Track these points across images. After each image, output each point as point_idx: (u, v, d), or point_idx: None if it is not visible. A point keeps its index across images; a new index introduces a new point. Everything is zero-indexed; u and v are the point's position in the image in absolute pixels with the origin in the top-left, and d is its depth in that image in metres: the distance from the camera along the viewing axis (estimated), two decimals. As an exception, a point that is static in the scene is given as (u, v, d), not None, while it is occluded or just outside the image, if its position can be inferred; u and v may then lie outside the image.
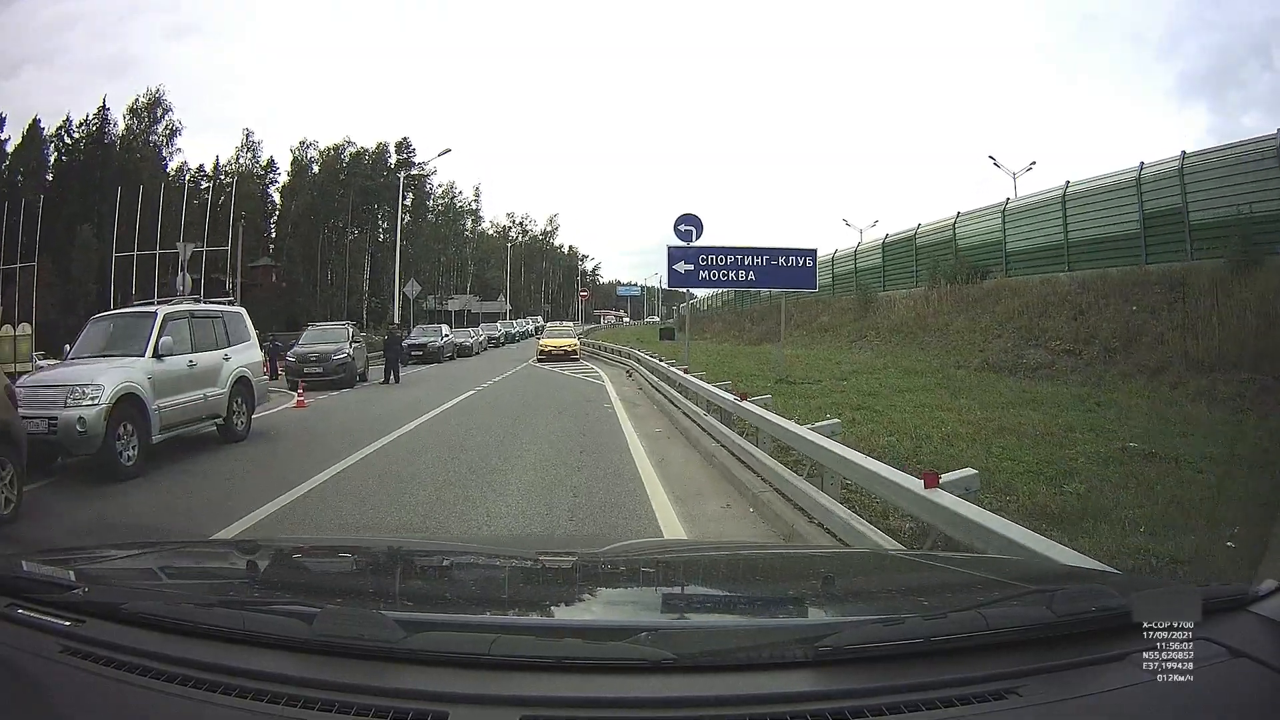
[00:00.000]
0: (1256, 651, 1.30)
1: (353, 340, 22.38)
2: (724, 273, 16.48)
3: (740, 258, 16.43)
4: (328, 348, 21.31)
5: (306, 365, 20.57)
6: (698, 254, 16.45)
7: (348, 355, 21.21)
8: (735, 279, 16.77)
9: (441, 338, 34.47)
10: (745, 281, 17.01)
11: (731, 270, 16.43)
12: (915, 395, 12.12)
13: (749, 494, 6.93)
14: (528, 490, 7.48)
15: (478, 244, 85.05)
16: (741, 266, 16.43)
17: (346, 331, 22.89)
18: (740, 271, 16.46)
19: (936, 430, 8.70)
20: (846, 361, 19.02)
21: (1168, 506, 5.31)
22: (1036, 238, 20.37)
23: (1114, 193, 17.49)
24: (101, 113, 57.95)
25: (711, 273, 16.50)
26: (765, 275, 16.78)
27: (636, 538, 5.46)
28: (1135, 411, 9.96)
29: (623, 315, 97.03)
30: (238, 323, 11.99)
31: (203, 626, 1.44)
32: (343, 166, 68.71)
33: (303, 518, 6.64)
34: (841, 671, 1.29)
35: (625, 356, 26.20)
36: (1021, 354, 15.38)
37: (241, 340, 11.79)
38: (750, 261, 16.43)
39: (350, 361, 21.17)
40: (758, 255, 16.47)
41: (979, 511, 3.46)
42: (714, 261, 16.39)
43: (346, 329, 23.27)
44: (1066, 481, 6.15)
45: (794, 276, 16.98)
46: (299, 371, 20.33)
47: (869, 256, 31.35)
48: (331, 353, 21.09)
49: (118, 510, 7.29)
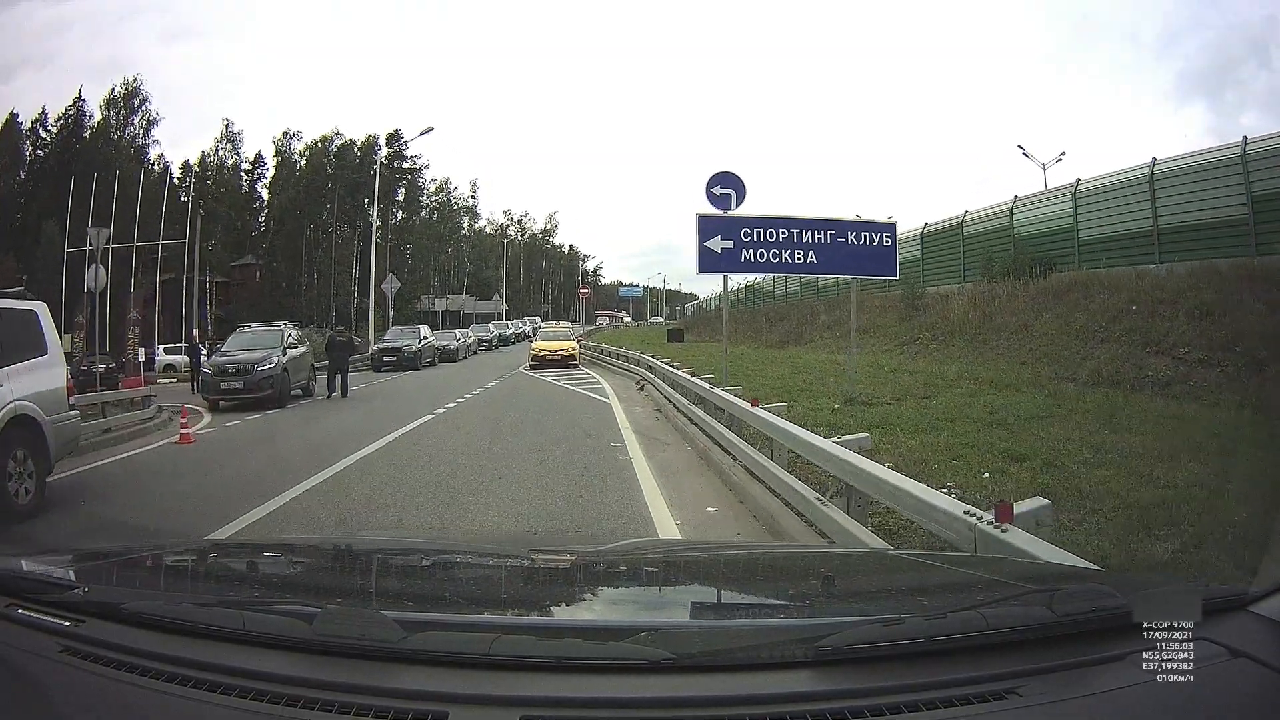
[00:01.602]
0: (1256, 651, 1.30)
1: (289, 346, 17.95)
2: (774, 252, 12.17)
3: (798, 233, 12.21)
4: (252, 356, 16.97)
5: (224, 379, 16.50)
6: (739, 226, 12.18)
7: (276, 366, 16.80)
8: (790, 261, 12.34)
9: (419, 341, 30.47)
10: (803, 265, 12.51)
11: (785, 249, 12.18)
12: (1056, 427, 8.68)
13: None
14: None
15: (475, 242, 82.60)
16: (798, 244, 12.22)
17: (281, 334, 18.36)
18: (796, 251, 12.21)
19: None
20: (906, 370, 16.00)
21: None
22: (1115, 224, 17.64)
23: (1211, 172, 15.12)
24: (77, 104, 54.90)
25: (757, 252, 12.11)
26: (830, 256, 12.40)
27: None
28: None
29: (622, 316, 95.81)
30: (22, 328, 7.74)
31: (203, 626, 1.44)
32: (330, 159, 65.24)
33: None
34: (841, 671, 1.29)
35: (633, 363, 22.17)
36: (1142, 364, 12.49)
37: (26, 355, 7.62)
38: (811, 238, 12.24)
39: (279, 374, 16.81)
40: (821, 230, 12.30)
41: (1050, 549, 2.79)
42: (761, 237, 12.13)
43: (282, 331, 18.67)
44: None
45: (867, 259, 12.59)
46: (214, 387, 16.55)
47: (905, 248, 27.58)
48: (255, 363, 16.67)
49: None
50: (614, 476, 8.23)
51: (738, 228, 12.22)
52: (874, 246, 12.52)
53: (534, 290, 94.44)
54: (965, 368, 15.38)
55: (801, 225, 12.32)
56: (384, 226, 66.91)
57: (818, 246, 12.31)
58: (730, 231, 12.16)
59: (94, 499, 8.10)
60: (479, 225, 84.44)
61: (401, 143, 66.76)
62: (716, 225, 12.25)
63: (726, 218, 12.32)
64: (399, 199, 70.17)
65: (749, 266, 12.61)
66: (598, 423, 12.92)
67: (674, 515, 6.53)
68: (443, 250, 75.41)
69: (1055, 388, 12.25)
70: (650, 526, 6.23)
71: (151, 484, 8.99)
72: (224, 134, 64.47)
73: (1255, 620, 1.39)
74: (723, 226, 12.22)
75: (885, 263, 12.93)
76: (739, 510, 6.70)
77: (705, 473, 8.45)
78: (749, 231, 12.19)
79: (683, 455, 9.71)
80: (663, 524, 6.30)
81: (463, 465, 9.04)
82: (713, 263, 12.34)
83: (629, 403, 15.93)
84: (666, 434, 11.51)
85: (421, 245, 71.85)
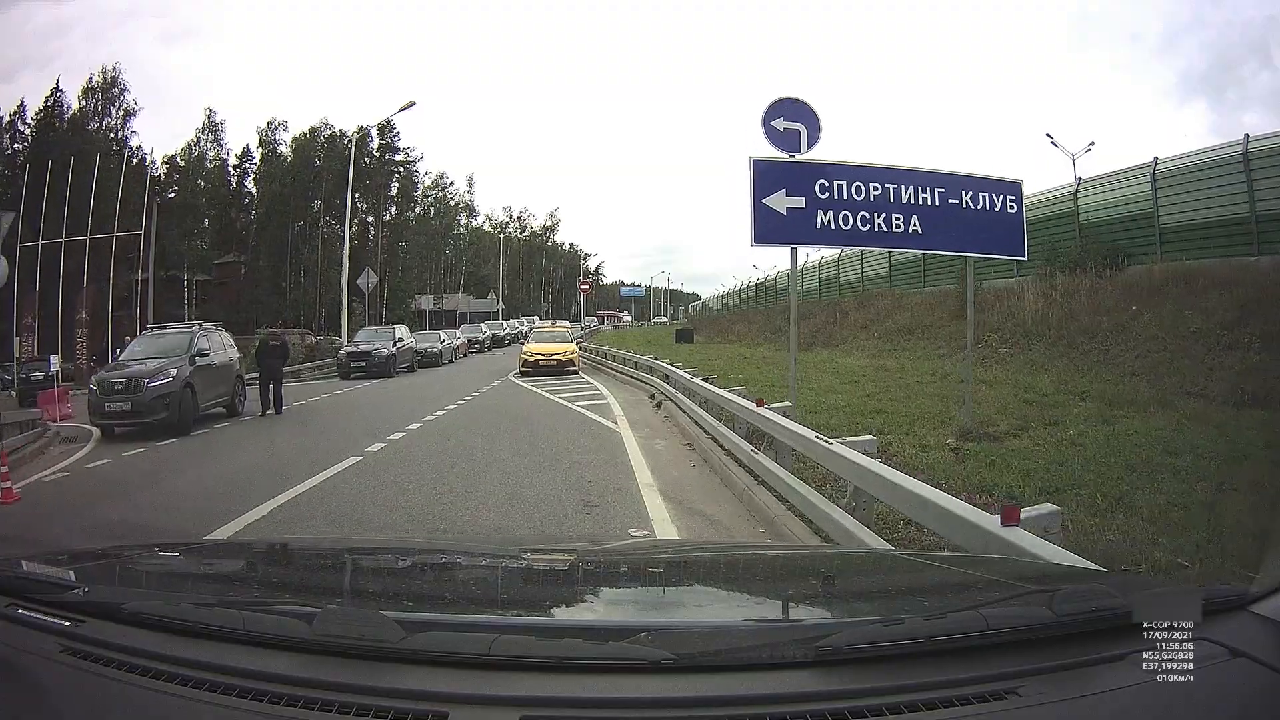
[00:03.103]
0: (1256, 651, 1.30)
1: (198, 354, 13.86)
2: (864, 217, 8.63)
3: (895, 190, 8.74)
4: (143, 369, 13.17)
5: (109, 398, 12.77)
6: (814, 176, 8.54)
7: (173, 381, 12.94)
8: (884, 230, 8.74)
9: (393, 344, 26.54)
10: (903, 236, 8.88)
11: (877, 213, 8.67)
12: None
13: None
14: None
15: (472, 240, 79.69)
16: (895, 206, 8.73)
17: (190, 339, 14.31)
18: (895, 217, 8.71)
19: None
20: (983, 381, 13.01)
21: None
22: (1202, 210, 15.45)
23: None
24: (54, 94, 51.63)
25: (839, 216, 8.55)
26: (938, 226, 8.91)
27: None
28: None
29: (623, 315, 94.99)
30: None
31: (203, 626, 1.44)
32: (319, 150, 61.62)
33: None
34: (841, 671, 1.29)
35: (644, 370, 18.26)
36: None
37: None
38: (913, 198, 8.77)
39: (178, 391, 12.92)
40: (926, 186, 8.85)
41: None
42: (843, 195, 8.57)
43: (191, 335, 14.56)
44: None
45: (985, 230, 9.16)
46: (101, 409, 12.84)
47: None
48: (146, 377, 12.80)
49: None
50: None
51: (811, 178, 8.52)
52: (994, 214, 9.15)
53: (534, 289, 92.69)
54: (1060, 378, 12.78)
55: (900, 179, 8.79)
56: (377, 222, 65.50)
57: (922, 211, 8.78)
58: (801, 183, 8.48)
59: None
60: (477, 222, 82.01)
61: (394, 134, 64.58)
62: (780, 174, 8.50)
63: (795, 164, 8.56)
64: (392, 194, 67.91)
65: (826, 236, 8.75)
66: (604, 473, 8.59)
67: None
68: (439, 248, 73.20)
69: (1192, 408, 9.84)
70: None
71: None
72: (206, 124, 61.09)
73: (1255, 620, 1.39)
74: (790, 176, 8.51)
75: (1009, 237, 9.43)
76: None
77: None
78: (827, 185, 8.52)
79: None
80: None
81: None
82: (775, 229, 8.46)
83: (645, 429, 12.01)
84: (717, 497, 7.52)
85: (417, 242, 69.76)
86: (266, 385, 15.52)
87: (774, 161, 8.56)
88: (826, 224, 8.54)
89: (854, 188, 8.67)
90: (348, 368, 25.62)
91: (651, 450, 10.08)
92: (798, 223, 8.49)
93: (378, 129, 62.85)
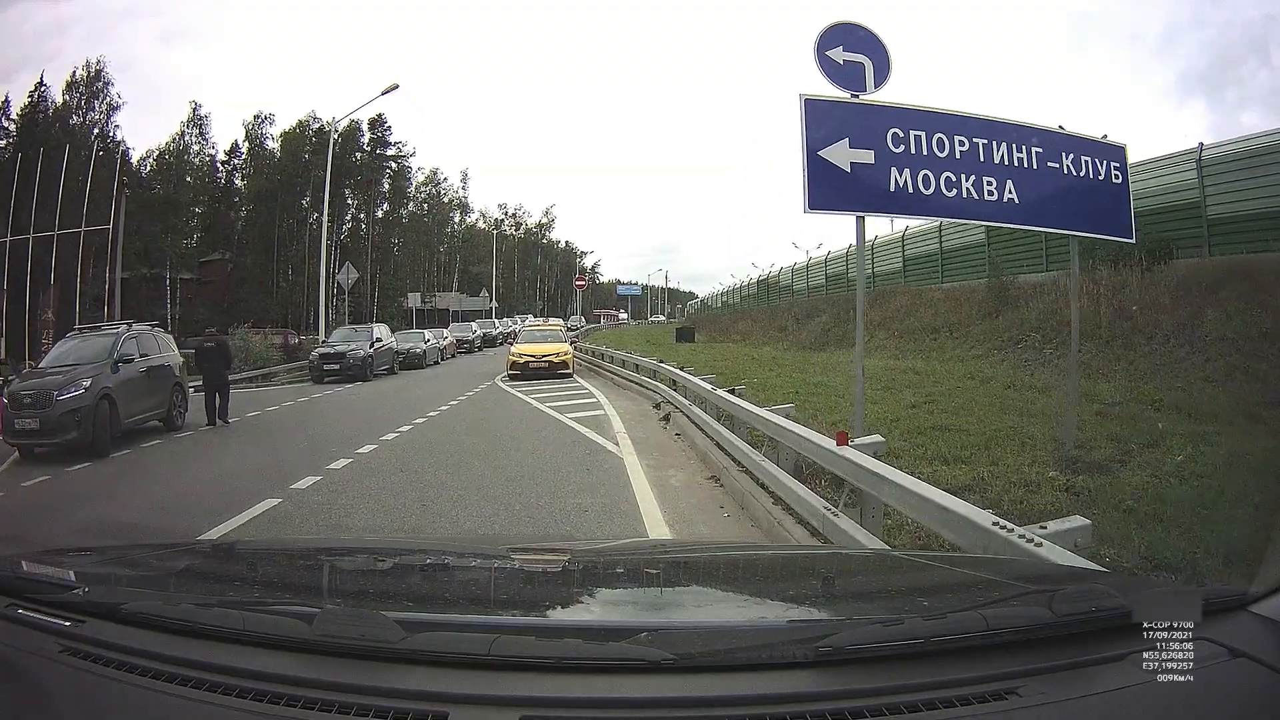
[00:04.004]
0: (1256, 651, 1.31)
1: (122, 360, 12.00)
2: (948, 179, 6.78)
3: (984, 145, 6.90)
4: (59, 379, 11.32)
5: (19, 415, 10.99)
6: (885, 122, 6.72)
7: (86, 394, 11.04)
8: (974, 197, 6.88)
9: (370, 344, 24.57)
10: (995, 207, 6.99)
11: (965, 175, 6.83)
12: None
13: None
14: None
15: (466, 237, 77.18)
16: (987, 167, 6.90)
17: (114, 342, 12.33)
18: (986, 181, 6.88)
19: None
20: (1032, 387, 11.87)
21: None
22: (1255, 199, 14.11)
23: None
24: (39, 89, 49.43)
25: (919, 176, 6.70)
26: (1036, 194, 7.13)
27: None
28: None
29: (618, 314, 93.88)
30: None
31: (203, 626, 1.44)
32: (308, 144, 58.91)
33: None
34: (842, 671, 1.29)
35: (646, 374, 16.52)
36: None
37: None
38: (1005, 157, 6.97)
39: (91, 406, 10.97)
40: (1021, 143, 7.04)
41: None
42: (921, 149, 6.74)
43: (115, 339, 12.48)
44: None
45: (1083, 202, 7.37)
46: (11, 426, 11.03)
47: (966, 231, 22.24)
48: (57, 389, 10.94)
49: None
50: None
51: (883, 126, 6.63)
52: (1096, 183, 7.37)
53: (529, 288, 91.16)
54: (1124, 385, 11.29)
55: (992, 132, 6.94)
56: (369, 219, 64.55)
57: (1019, 175, 6.97)
58: (869, 132, 6.58)
59: None
60: (471, 219, 79.99)
61: (385, 128, 63.09)
62: (842, 119, 6.60)
63: (861, 106, 6.67)
64: (384, 190, 66.45)
65: (903, 202, 6.71)
66: (604, 531, 6.42)
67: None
68: (432, 245, 71.41)
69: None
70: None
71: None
72: (191, 117, 58.11)
73: (1255, 620, 1.39)
74: (854, 122, 6.62)
75: (1114, 213, 7.58)
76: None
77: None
78: (902, 136, 6.63)
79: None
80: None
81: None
82: (837, 192, 6.53)
83: (653, 452, 9.78)
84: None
85: (410, 239, 68.34)
86: (211, 394, 13.96)
87: (833, 102, 6.63)
88: (903, 187, 6.60)
89: (935, 140, 6.76)
90: (320, 370, 23.44)
91: (666, 488, 7.91)
92: (866, 183, 6.56)
93: (369, 123, 61.99)
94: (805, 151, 6.49)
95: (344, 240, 61.24)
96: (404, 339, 29.77)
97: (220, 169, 60.73)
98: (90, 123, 51.29)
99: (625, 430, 11.64)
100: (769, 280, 44.44)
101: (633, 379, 17.75)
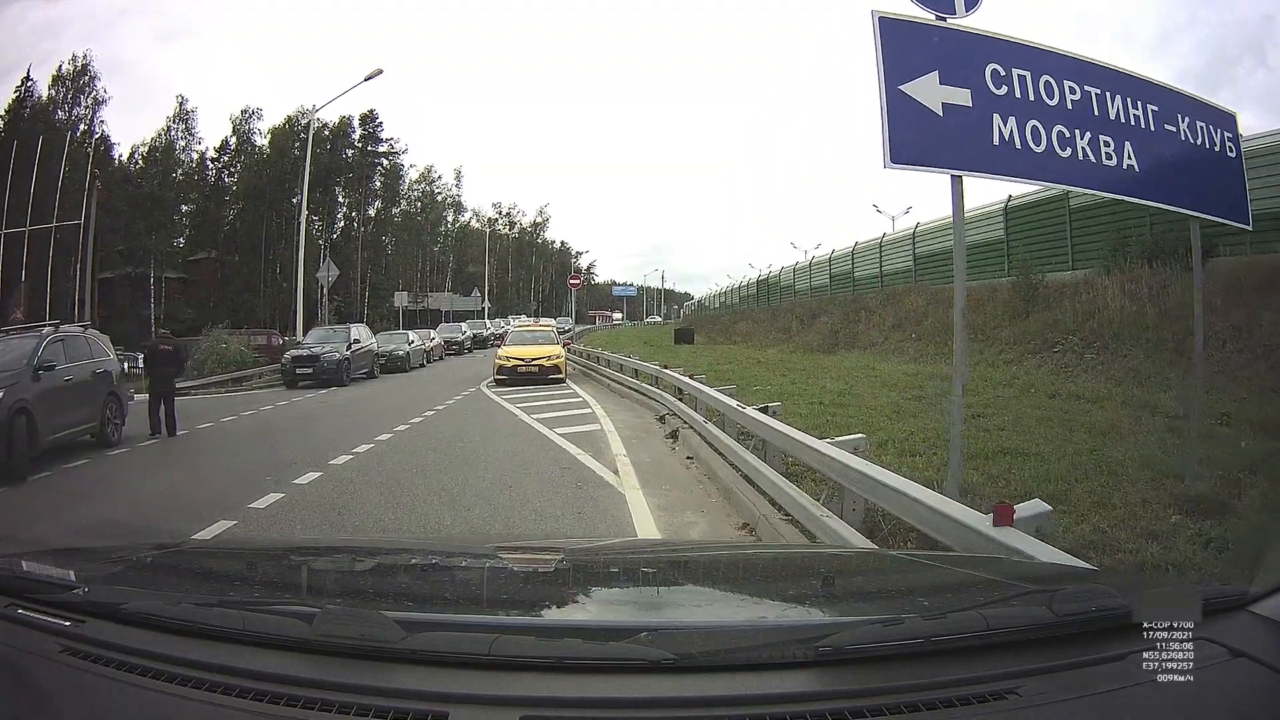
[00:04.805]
0: (1256, 651, 1.31)
1: (41, 367, 10.28)
2: (1060, 133, 5.27)
3: (1101, 95, 5.48)
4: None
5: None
6: (987, 55, 5.16)
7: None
8: (1092, 160, 5.43)
9: (347, 346, 22.93)
10: (1115, 173, 5.56)
11: (1080, 130, 5.37)
12: None
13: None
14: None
15: (459, 236, 76.07)
16: (1102, 124, 5.49)
17: (32, 350, 10.52)
18: (1101, 140, 5.47)
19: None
20: (1082, 397, 10.92)
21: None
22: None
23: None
24: (24, 84, 47.88)
25: (1027, 127, 5.16)
26: (1156, 161, 5.77)
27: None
28: None
29: (612, 315, 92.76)
30: None
31: (203, 626, 1.44)
32: (297, 141, 56.51)
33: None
34: (841, 671, 1.29)
35: (648, 380, 15.16)
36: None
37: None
38: (1121, 113, 5.58)
39: (7, 421, 9.30)
40: (1140, 99, 5.69)
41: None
42: (1035, 94, 5.26)
43: (35, 344, 10.68)
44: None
45: (1200, 180, 6.17)
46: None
47: (986, 227, 21.26)
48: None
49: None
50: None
51: (979, 58, 5.21)
52: (1211, 154, 6.21)
53: (523, 288, 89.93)
54: (1186, 396, 9.21)
55: (1106, 81, 5.63)
56: (359, 217, 63.83)
57: (1136, 136, 5.68)
58: (963, 66, 5.15)
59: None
60: (464, 218, 77.83)
61: (375, 123, 62.01)
62: (929, 47, 5.14)
63: (954, 32, 5.20)
64: (375, 188, 65.31)
65: (1009, 160, 5.25)
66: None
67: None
68: (425, 244, 70.35)
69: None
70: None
71: None
72: (177, 112, 56.39)
73: (1255, 620, 1.40)
74: (945, 52, 5.15)
75: (1230, 191, 6.44)
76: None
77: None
78: (1003, 74, 5.22)
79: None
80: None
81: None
82: (927, 141, 5.07)
83: (662, 484, 8.14)
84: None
85: (401, 238, 67.43)
86: (157, 402, 12.65)
87: (915, 23, 5.11)
88: (1009, 140, 5.17)
89: (1043, 84, 5.35)
90: (293, 374, 21.82)
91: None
92: (963, 133, 5.11)
93: (359, 120, 60.98)
94: (883, 87, 4.94)
95: (335, 239, 60.08)
96: (386, 340, 28.13)
97: (210, 166, 59.70)
98: (76, 118, 50.06)
99: (626, 452, 9.88)
100: (768, 280, 44.09)
101: (632, 385, 16.36)
